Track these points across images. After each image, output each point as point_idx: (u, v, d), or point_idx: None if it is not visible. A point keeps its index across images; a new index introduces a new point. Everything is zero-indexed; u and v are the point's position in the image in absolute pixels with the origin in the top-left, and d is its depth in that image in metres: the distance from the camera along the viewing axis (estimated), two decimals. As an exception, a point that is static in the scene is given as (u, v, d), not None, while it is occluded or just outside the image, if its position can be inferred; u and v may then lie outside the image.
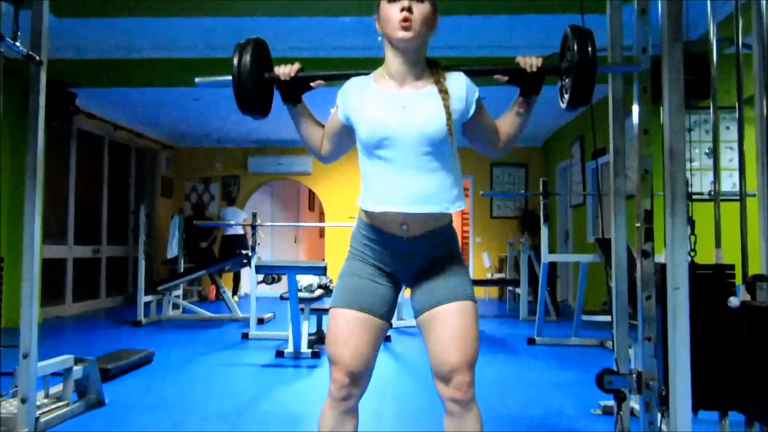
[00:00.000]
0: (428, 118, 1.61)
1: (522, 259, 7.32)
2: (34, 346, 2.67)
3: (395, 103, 1.65)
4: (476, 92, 1.71)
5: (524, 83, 1.72)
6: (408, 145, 1.61)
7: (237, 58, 1.74)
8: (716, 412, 2.37)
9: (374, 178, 1.68)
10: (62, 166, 7.62)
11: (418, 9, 1.62)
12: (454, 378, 1.59)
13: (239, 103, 1.77)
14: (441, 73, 1.70)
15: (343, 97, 1.74)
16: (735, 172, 4.52)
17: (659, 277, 2.13)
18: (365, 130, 1.65)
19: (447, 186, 1.66)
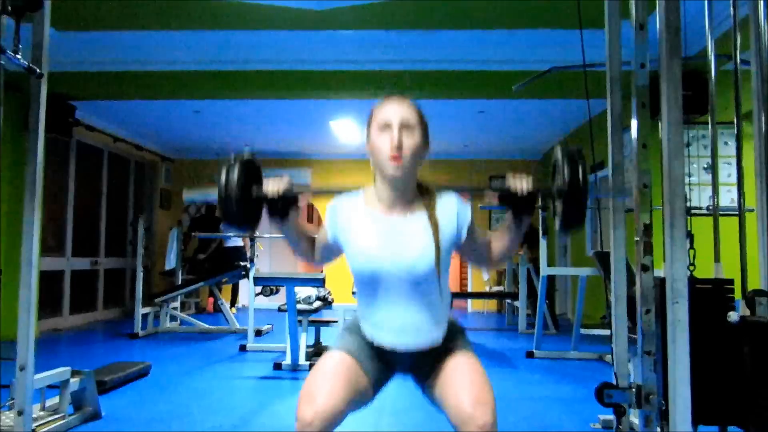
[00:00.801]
0: (416, 255, 1.60)
1: (521, 273, 7.32)
2: (31, 359, 2.66)
3: (384, 233, 1.63)
4: (468, 215, 1.70)
5: (515, 206, 1.67)
6: (395, 280, 1.61)
7: (224, 176, 1.64)
8: (716, 427, 2.36)
9: (364, 300, 1.69)
10: (61, 179, 7.62)
11: (408, 141, 1.61)
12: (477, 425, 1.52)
13: (225, 220, 1.68)
14: (432, 197, 1.69)
15: (332, 218, 1.72)
16: (733, 187, 4.53)
17: (658, 292, 2.13)
18: (353, 262, 1.65)
19: (436, 317, 1.66)
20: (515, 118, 7.66)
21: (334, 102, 7.05)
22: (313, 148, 9.79)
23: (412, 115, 1.64)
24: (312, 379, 1.57)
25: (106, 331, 7.27)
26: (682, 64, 1.97)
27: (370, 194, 1.71)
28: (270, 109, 7.47)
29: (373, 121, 1.66)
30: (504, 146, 9.61)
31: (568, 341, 5.60)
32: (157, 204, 9.90)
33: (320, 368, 1.60)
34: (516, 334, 7.16)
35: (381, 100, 1.69)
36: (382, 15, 5.13)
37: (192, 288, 7.32)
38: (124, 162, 9.24)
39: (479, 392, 1.55)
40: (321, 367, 1.61)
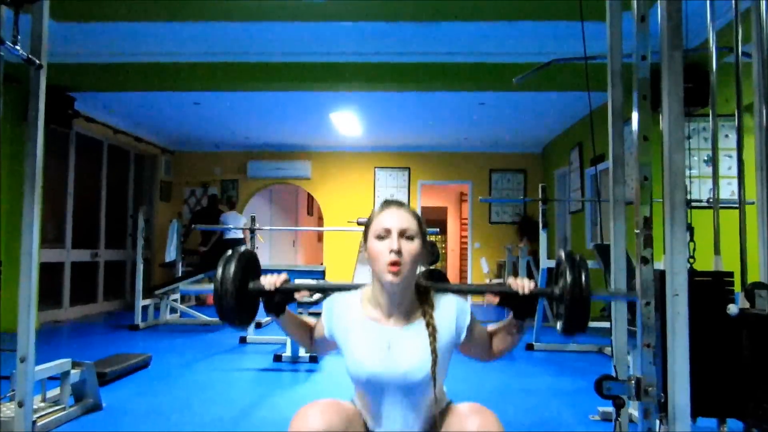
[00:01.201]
0: (412, 365, 1.59)
1: (520, 265, 7.32)
2: (32, 350, 2.67)
3: (380, 341, 1.62)
4: (467, 318, 1.68)
5: (516, 306, 1.66)
6: (391, 388, 1.61)
7: (221, 271, 1.65)
8: (715, 420, 2.37)
9: (361, 398, 1.70)
10: (61, 171, 7.62)
11: (406, 249, 1.59)
12: None
13: (220, 315, 1.67)
14: (430, 302, 1.67)
15: (329, 317, 1.72)
16: (733, 180, 4.53)
17: (658, 284, 2.13)
18: (350, 367, 1.64)
19: (429, 418, 1.66)
20: (516, 111, 7.65)
21: (335, 94, 7.04)
22: (313, 141, 9.78)
23: (411, 222, 1.63)
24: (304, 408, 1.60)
25: (106, 323, 7.28)
26: (684, 57, 1.97)
27: (368, 298, 1.69)
28: (270, 101, 7.46)
29: (371, 228, 1.65)
30: (504, 139, 9.60)
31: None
32: (157, 196, 9.90)
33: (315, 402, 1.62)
34: (515, 327, 7.16)
35: (379, 207, 1.69)
36: (382, 7, 5.12)
37: (192, 280, 7.33)
38: (123, 154, 9.23)
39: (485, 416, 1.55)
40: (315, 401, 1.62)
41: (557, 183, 9.48)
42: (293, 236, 12.09)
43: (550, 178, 9.75)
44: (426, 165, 10.33)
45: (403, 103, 7.44)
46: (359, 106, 7.66)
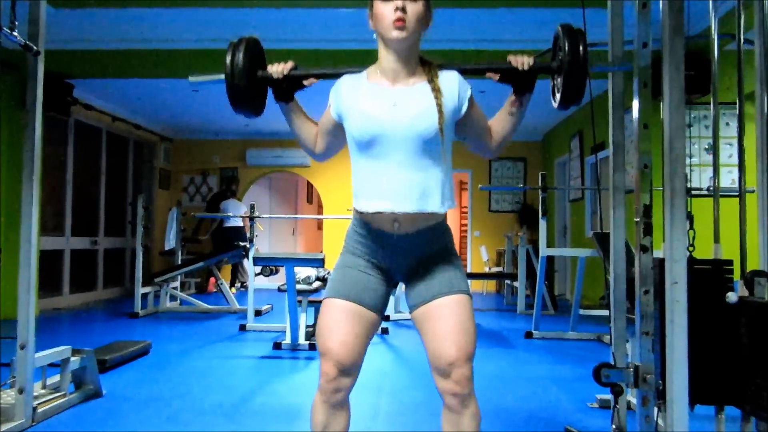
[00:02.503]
0: (419, 115, 1.61)
1: (520, 253, 7.33)
2: (32, 337, 2.67)
3: (386, 100, 1.65)
4: (468, 90, 1.71)
5: (516, 82, 1.72)
6: (398, 142, 1.61)
7: (230, 56, 1.73)
8: (713, 407, 2.38)
9: (365, 176, 1.69)
10: (60, 158, 7.60)
11: (411, 8, 1.62)
12: (453, 372, 1.58)
13: (232, 102, 1.77)
14: (434, 70, 1.70)
15: (336, 94, 1.74)
16: (734, 168, 4.52)
17: (657, 272, 2.14)
18: (355, 127, 1.66)
19: (438, 185, 1.66)
20: (516, 99, 7.60)
21: (330, 84, 7.00)
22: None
23: None
24: (323, 336, 1.65)
25: (106, 311, 7.30)
26: (685, 44, 1.96)
27: (373, 71, 1.73)
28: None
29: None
30: (504, 127, 9.57)
31: (566, 322, 5.63)
32: (156, 184, 9.89)
33: (326, 323, 1.67)
34: (515, 315, 7.19)
35: None
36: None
37: (192, 268, 7.34)
38: (122, 141, 9.21)
39: (460, 344, 1.59)
40: (326, 322, 1.67)
41: (557, 171, 9.47)
42: (293, 224, 12.09)
43: (550, 166, 9.74)
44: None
45: (403, 90, 7.40)
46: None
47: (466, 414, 1.60)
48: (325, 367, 1.62)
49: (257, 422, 2.86)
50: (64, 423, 2.80)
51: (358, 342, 1.63)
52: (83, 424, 2.79)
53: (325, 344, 1.63)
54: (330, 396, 1.63)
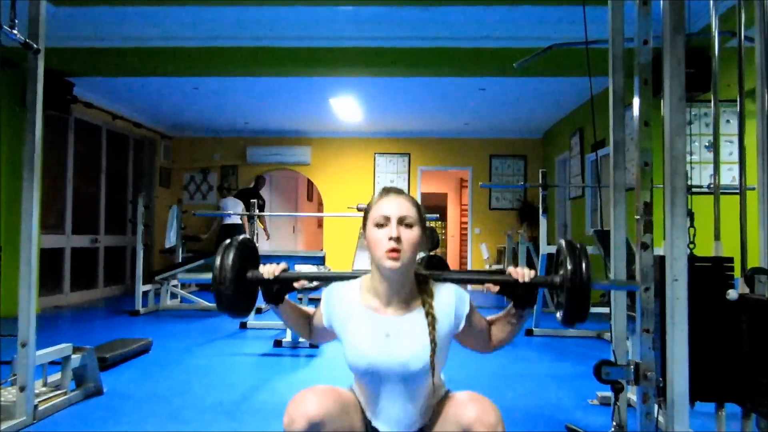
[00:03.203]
0: (411, 356, 1.58)
1: (520, 251, 7.33)
2: (32, 335, 2.68)
3: (379, 331, 1.62)
4: (467, 305, 1.67)
5: (516, 295, 1.66)
6: (389, 377, 1.60)
7: (219, 260, 1.65)
8: (713, 404, 2.38)
9: (362, 390, 1.69)
10: (60, 156, 7.60)
11: (406, 236, 1.58)
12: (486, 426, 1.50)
13: (218, 305, 1.68)
14: (429, 291, 1.65)
15: (327, 307, 1.71)
16: (734, 165, 4.52)
17: (658, 270, 2.14)
18: (348, 357, 1.64)
19: (426, 405, 1.65)
20: (516, 96, 7.62)
21: (334, 79, 7.01)
22: (313, 126, 9.75)
23: (410, 210, 1.62)
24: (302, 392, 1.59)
25: (107, 309, 7.30)
26: (686, 41, 1.96)
27: (367, 287, 1.68)
28: (269, 86, 7.42)
29: (370, 215, 1.64)
30: (505, 124, 9.57)
31: (566, 319, 5.62)
32: (156, 182, 9.89)
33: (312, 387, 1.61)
34: (515, 312, 7.18)
35: (378, 194, 1.68)
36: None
37: (192, 266, 7.34)
38: (123, 139, 9.20)
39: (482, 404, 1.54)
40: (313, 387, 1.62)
41: (557, 169, 9.46)
42: (293, 222, 12.09)
43: (551, 163, 9.73)
44: (426, 151, 10.31)
45: (404, 88, 7.41)
46: (359, 91, 7.62)
47: None
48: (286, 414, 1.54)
49: (258, 420, 2.87)
50: (65, 421, 2.81)
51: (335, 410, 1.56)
52: (84, 422, 2.80)
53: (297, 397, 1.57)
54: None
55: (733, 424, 2.46)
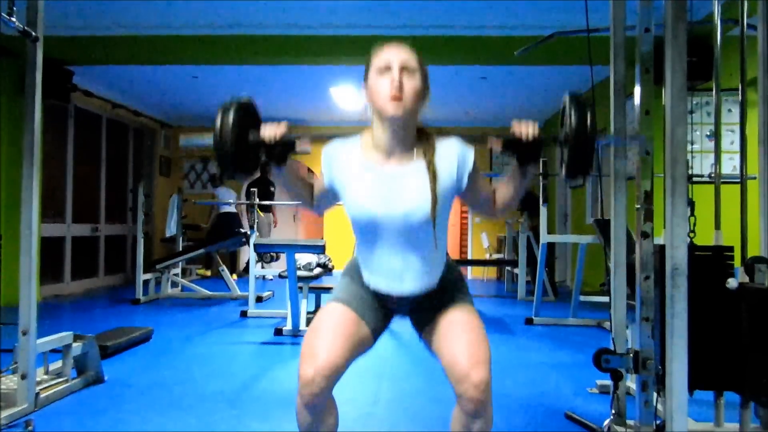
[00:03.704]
0: (412, 205, 1.58)
1: (521, 240, 7.34)
2: (33, 323, 2.68)
3: (380, 183, 1.61)
4: (470, 157, 1.65)
5: (520, 152, 1.61)
6: (391, 231, 1.61)
7: (219, 120, 1.60)
8: (712, 393, 2.39)
9: (363, 247, 1.70)
10: (60, 145, 7.59)
11: (408, 83, 1.57)
12: (473, 383, 1.54)
13: (221, 168, 1.64)
14: (432, 144, 1.64)
15: (328, 164, 1.70)
16: (735, 155, 4.51)
17: (658, 258, 2.14)
18: (350, 211, 1.65)
19: (432, 263, 1.66)
20: (517, 85, 7.59)
21: (334, 68, 6.97)
22: (313, 115, 9.72)
23: (412, 58, 1.61)
24: (312, 335, 1.59)
25: (107, 298, 7.32)
26: (688, 29, 1.95)
27: (367, 141, 1.68)
28: (269, 75, 7.39)
29: (371, 66, 1.63)
30: (506, 113, 9.54)
31: (567, 308, 5.64)
32: (156, 171, 9.88)
33: (319, 324, 1.62)
34: (515, 301, 7.21)
35: (379, 46, 1.66)
36: (382, -22, 5.04)
37: (192, 255, 7.35)
38: (122, 128, 9.18)
39: (476, 350, 1.57)
40: (320, 322, 1.63)
41: (558, 158, 9.45)
42: (294, 211, 12.08)
43: (551, 154, 9.71)
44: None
45: (404, 77, 7.36)
46: (360, 80, 7.58)
47: (478, 421, 1.57)
48: (303, 371, 1.51)
49: (259, 408, 2.88)
50: (66, 408, 2.82)
51: (344, 354, 1.55)
52: (85, 410, 2.81)
53: (311, 345, 1.55)
54: (309, 400, 1.52)
55: (732, 413, 2.47)
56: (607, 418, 2.51)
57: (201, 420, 2.68)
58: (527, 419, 2.75)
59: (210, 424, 2.63)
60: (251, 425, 2.62)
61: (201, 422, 2.65)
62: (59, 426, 2.56)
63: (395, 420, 2.78)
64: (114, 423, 2.62)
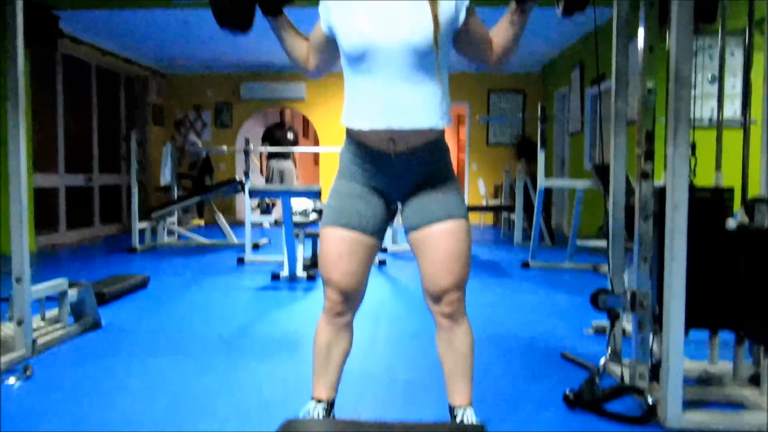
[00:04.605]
0: (413, 27, 1.53)
1: (518, 186, 7.31)
2: (27, 270, 2.67)
3: (379, 12, 1.56)
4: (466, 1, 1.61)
5: None
6: (392, 56, 1.54)
7: None
8: (707, 332, 2.40)
9: (359, 92, 1.62)
10: (49, 94, 7.44)
11: None
12: (444, 297, 1.63)
13: (216, 17, 1.61)
14: None
15: (325, 6, 1.64)
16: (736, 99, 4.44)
17: (657, 200, 2.11)
18: (347, 41, 1.58)
19: (434, 100, 1.60)
20: None
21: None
22: (308, 61, 9.53)
23: None
24: (323, 265, 1.68)
25: (104, 247, 7.32)
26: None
27: None
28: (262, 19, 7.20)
29: None
30: (503, 58, 9.36)
31: (563, 253, 5.66)
32: (150, 119, 9.74)
33: (326, 254, 1.68)
34: (512, 247, 7.24)
35: None
36: None
37: (188, 203, 7.32)
38: (113, 77, 9.00)
39: (453, 266, 1.61)
40: (326, 253, 1.68)
41: (557, 104, 9.33)
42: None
43: (550, 98, 9.59)
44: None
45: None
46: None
47: (458, 331, 1.66)
48: (330, 294, 1.68)
49: (257, 350, 2.90)
50: (65, 354, 2.83)
51: (360, 270, 1.67)
52: (83, 355, 2.82)
53: (329, 275, 1.67)
54: (334, 320, 1.70)
55: (725, 351, 2.49)
56: (602, 357, 2.54)
57: (200, 363, 2.70)
58: (524, 360, 2.77)
59: (209, 366, 2.64)
60: (249, 366, 2.64)
61: (200, 365, 2.67)
62: (58, 371, 2.57)
63: (392, 360, 2.81)
64: (112, 367, 2.64)
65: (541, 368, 2.64)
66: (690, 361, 2.44)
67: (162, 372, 2.57)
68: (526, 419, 2.06)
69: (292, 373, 2.52)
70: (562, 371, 2.58)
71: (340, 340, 1.73)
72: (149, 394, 2.31)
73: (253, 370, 2.60)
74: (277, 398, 2.26)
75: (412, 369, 2.65)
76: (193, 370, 2.59)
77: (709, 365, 2.42)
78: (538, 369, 2.64)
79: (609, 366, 2.48)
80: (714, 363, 2.42)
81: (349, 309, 1.70)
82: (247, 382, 2.46)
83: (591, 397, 2.08)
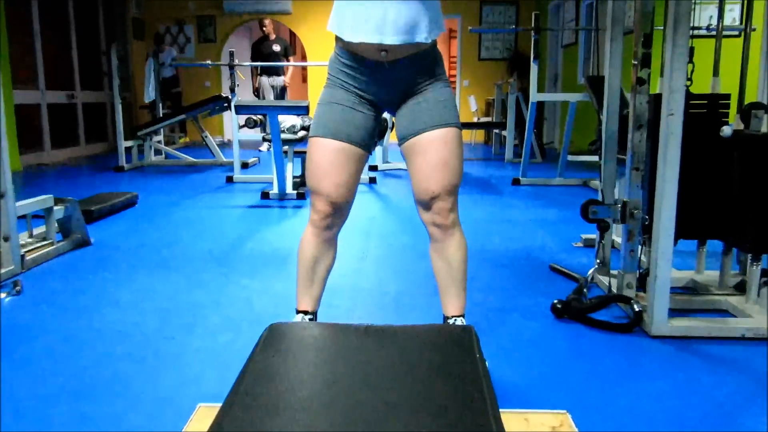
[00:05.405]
0: None
1: (510, 101, 7.20)
2: (10, 186, 2.62)
3: None
4: None
5: None
6: None
7: None
8: (694, 243, 2.42)
9: (348, 2, 1.54)
10: (23, 6, 7.11)
11: None
12: (434, 205, 1.60)
13: None
14: None
15: None
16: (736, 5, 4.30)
17: (652, 108, 2.06)
18: None
19: (424, 10, 1.53)
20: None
21: None
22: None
23: None
24: (310, 175, 1.63)
25: (90, 166, 7.22)
26: None
27: None
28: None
29: None
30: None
31: (554, 169, 5.64)
32: (130, 34, 9.40)
33: (314, 165, 1.62)
34: (502, 164, 7.20)
35: None
36: None
37: (173, 120, 7.18)
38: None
39: (445, 171, 1.58)
40: (313, 164, 1.63)
41: (550, 15, 9.06)
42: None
43: (544, 10, 9.30)
44: None
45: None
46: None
47: (450, 243, 1.64)
48: (318, 205, 1.63)
49: (247, 266, 2.90)
50: (54, 269, 2.82)
51: (349, 181, 1.62)
52: (73, 270, 2.82)
53: (318, 185, 1.62)
54: (321, 232, 1.66)
55: (711, 261, 2.52)
56: (591, 269, 2.56)
57: (190, 278, 2.70)
58: (513, 272, 2.79)
59: (199, 282, 2.65)
60: (240, 282, 2.65)
61: (190, 280, 2.67)
62: (48, 286, 2.58)
63: (382, 274, 2.82)
64: (102, 282, 2.64)
65: (529, 280, 2.67)
66: (677, 271, 2.47)
67: (153, 286, 2.57)
68: (514, 329, 2.09)
69: (282, 288, 2.53)
70: (550, 283, 2.61)
71: (326, 254, 1.71)
72: (141, 307, 2.32)
73: (243, 285, 2.61)
74: (267, 311, 2.27)
75: (402, 282, 2.67)
76: (184, 285, 2.60)
77: (696, 275, 2.45)
78: (527, 281, 2.66)
79: (597, 277, 2.51)
80: (701, 272, 2.45)
81: (336, 221, 1.67)
82: (238, 296, 2.47)
83: (578, 306, 2.10)
